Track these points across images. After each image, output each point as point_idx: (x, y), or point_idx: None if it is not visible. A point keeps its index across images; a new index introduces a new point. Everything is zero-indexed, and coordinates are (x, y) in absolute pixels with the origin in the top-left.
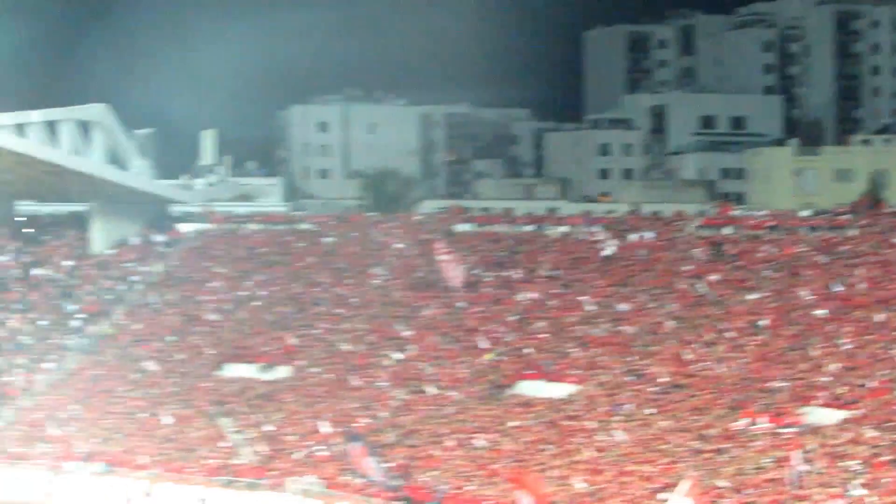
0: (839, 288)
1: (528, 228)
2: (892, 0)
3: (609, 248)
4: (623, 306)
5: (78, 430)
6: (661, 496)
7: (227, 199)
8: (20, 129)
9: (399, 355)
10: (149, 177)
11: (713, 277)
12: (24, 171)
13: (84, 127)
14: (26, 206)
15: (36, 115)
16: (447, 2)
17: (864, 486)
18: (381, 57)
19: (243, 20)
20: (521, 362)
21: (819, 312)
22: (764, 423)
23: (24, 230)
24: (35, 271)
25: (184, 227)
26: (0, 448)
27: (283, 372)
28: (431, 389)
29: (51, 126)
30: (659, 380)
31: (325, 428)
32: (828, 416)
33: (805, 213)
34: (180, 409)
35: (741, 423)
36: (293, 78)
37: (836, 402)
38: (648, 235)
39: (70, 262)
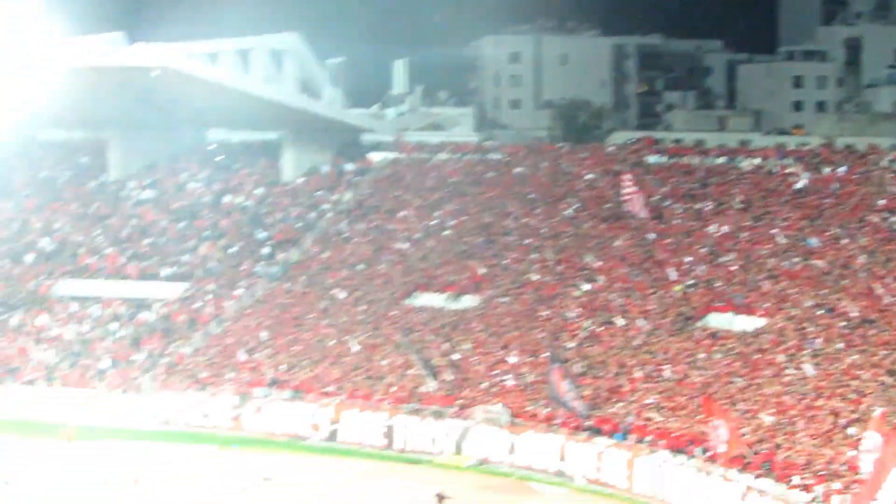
0: None
1: (720, 161)
2: None
3: (801, 182)
4: (814, 240)
5: (266, 357)
6: (849, 431)
7: (417, 128)
8: (213, 57)
9: (588, 286)
10: (340, 106)
11: None
12: (216, 100)
13: (276, 55)
14: (218, 135)
15: (229, 44)
16: None
17: None
18: None
19: None
20: (710, 294)
21: None
22: None
23: (215, 158)
24: (226, 198)
25: (374, 157)
26: (190, 374)
27: (471, 301)
28: (620, 321)
29: (243, 55)
30: (850, 314)
31: (512, 357)
32: None
33: None
34: (368, 336)
35: None
36: (486, 7)
37: None
38: (841, 169)
39: (261, 190)
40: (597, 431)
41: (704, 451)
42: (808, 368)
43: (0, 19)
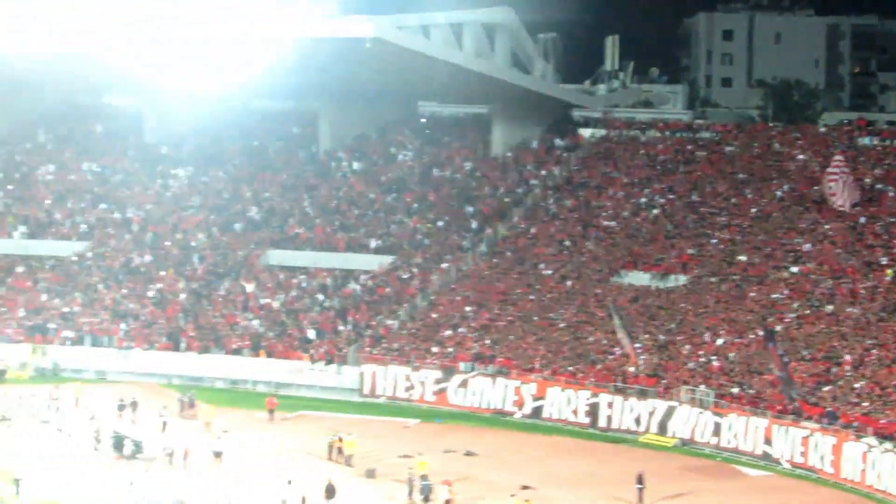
0: None
1: None
2: None
3: None
4: None
5: (471, 332)
6: None
7: (627, 105)
8: (425, 30)
9: (796, 269)
10: (551, 81)
11: None
12: (427, 73)
13: (488, 29)
14: (429, 107)
15: (441, 17)
16: None
17: None
18: None
19: None
20: None
21: None
22: None
23: (426, 130)
24: (435, 171)
25: (584, 133)
26: (395, 347)
27: (678, 281)
28: (828, 305)
29: (456, 28)
30: None
31: (718, 339)
32: None
33: None
34: (574, 313)
35: None
36: None
37: None
38: None
39: (469, 164)
40: (800, 413)
41: None
42: None
43: None
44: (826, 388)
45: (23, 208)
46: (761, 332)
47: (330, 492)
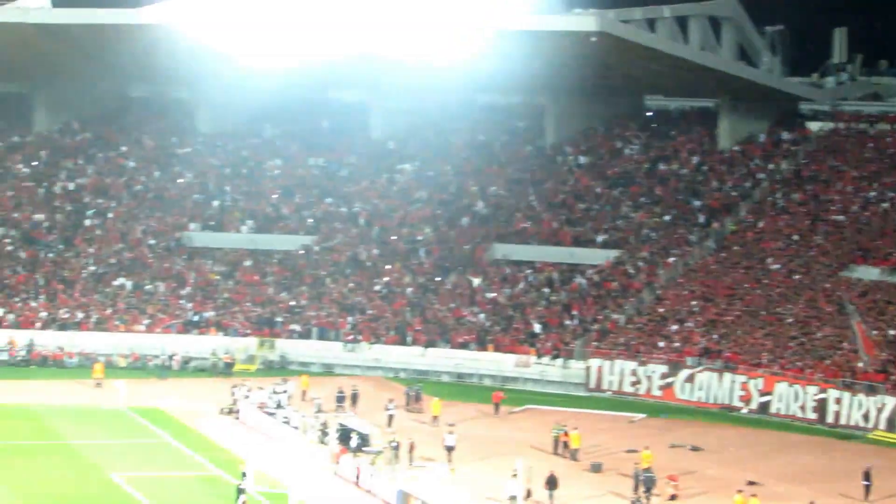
0: None
1: None
2: None
3: None
4: None
5: (697, 326)
6: None
7: (856, 98)
8: (650, 23)
9: None
10: (778, 74)
11: None
12: (652, 67)
13: (714, 22)
14: (654, 101)
15: (667, 11)
16: None
17: None
18: None
19: None
20: None
21: None
22: None
23: (652, 124)
24: (661, 166)
25: (812, 126)
26: (621, 341)
27: None
28: None
29: (681, 21)
30: None
31: None
32: None
33: None
34: (801, 308)
35: None
36: None
37: None
38: None
39: (696, 158)
40: None
41: None
42: None
43: None
44: None
45: (250, 203)
46: None
47: (551, 483)
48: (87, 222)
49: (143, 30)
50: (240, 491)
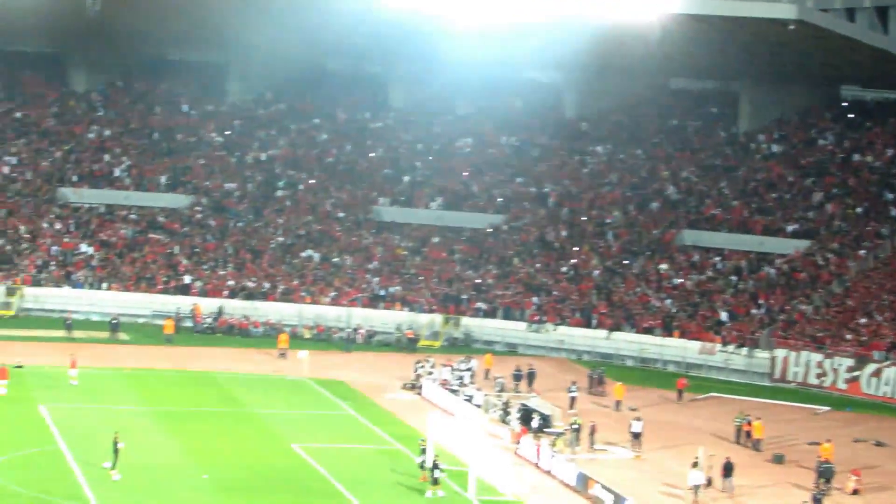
0: None
1: None
2: None
3: None
4: None
5: (887, 320)
6: None
7: None
8: (850, 12)
9: None
10: None
11: None
12: (851, 56)
13: None
14: (851, 91)
15: (866, 0)
16: None
17: None
18: None
19: None
20: None
21: None
22: None
23: (847, 115)
24: (856, 157)
25: None
26: (809, 332)
27: None
28: None
29: (881, 12)
30: None
31: None
32: None
33: None
34: None
35: None
36: None
37: None
38: None
39: (891, 150)
40: None
41: None
42: None
43: None
44: None
45: (440, 180)
46: None
47: (728, 469)
48: (278, 193)
49: (343, 1)
50: (423, 467)
